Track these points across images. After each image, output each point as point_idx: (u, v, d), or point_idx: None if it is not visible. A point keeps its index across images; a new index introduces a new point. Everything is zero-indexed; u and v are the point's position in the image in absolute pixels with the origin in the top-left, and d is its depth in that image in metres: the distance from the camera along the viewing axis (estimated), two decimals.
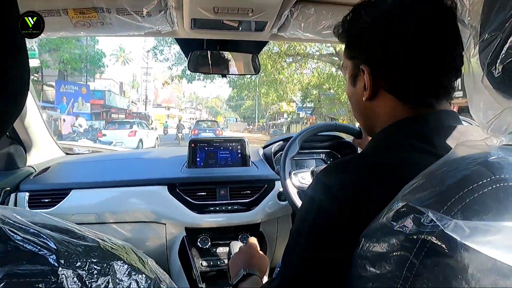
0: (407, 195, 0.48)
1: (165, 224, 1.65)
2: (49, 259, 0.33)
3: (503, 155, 0.45)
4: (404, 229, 0.47)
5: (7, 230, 0.33)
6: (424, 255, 0.45)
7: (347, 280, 0.58)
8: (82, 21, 1.11)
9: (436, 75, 0.67)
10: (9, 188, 1.54)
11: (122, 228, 1.63)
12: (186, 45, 1.54)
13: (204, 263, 1.65)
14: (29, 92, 1.37)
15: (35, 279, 0.31)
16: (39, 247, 0.33)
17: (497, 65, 0.45)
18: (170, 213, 1.63)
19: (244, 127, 55.20)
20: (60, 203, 1.57)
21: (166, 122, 39.05)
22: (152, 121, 31.37)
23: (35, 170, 1.73)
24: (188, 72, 17.39)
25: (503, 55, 0.44)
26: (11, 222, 0.35)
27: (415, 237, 0.45)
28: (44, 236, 0.35)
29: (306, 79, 16.22)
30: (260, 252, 1.18)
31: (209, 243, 1.66)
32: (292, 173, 1.57)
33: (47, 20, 1.08)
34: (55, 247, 0.34)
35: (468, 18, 0.49)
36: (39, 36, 1.16)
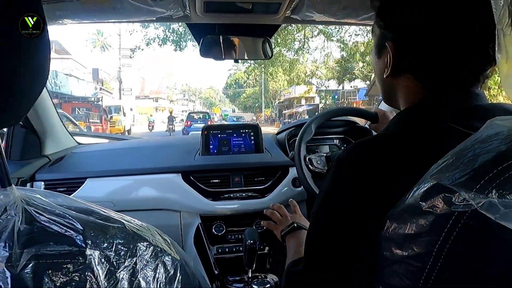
0: (436, 174, 0.47)
1: (179, 211, 1.66)
2: (76, 239, 0.32)
3: None
4: (434, 209, 0.45)
5: (32, 211, 0.33)
6: (456, 235, 0.43)
7: (371, 261, 0.57)
8: (94, 6, 1.10)
9: (465, 60, 0.64)
10: (25, 178, 1.55)
11: (137, 216, 1.61)
12: (198, 30, 1.52)
13: (220, 250, 1.66)
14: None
15: (63, 259, 0.31)
16: (65, 228, 0.33)
17: None
18: (185, 200, 1.63)
19: (250, 119, 45.85)
20: (76, 192, 1.58)
21: (151, 115, 36.90)
22: (124, 113, 22.97)
23: (50, 160, 1.75)
24: (173, 36, 15.63)
25: None
26: (36, 203, 0.35)
27: (446, 217, 0.44)
28: (69, 217, 0.34)
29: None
30: None
31: (224, 230, 1.67)
32: (307, 157, 1.56)
33: (58, 6, 1.08)
34: (82, 228, 0.33)
35: None
36: (51, 24, 1.14)
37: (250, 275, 1.37)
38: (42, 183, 1.59)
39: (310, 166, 1.56)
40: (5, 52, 0.35)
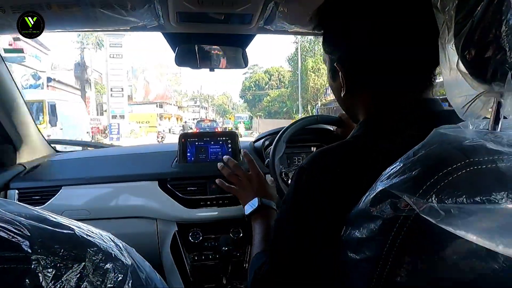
0: (385, 180, 0.49)
1: (156, 219, 1.65)
2: (22, 245, 0.33)
3: (477, 138, 0.46)
4: (382, 214, 0.47)
5: None
6: (402, 239, 0.45)
7: (334, 266, 0.59)
8: (66, 16, 1.10)
9: (414, 67, 0.67)
10: None
11: (113, 223, 1.63)
12: (173, 39, 1.53)
13: (196, 257, 1.65)
14: (16, 88, 1.36)
15: (8, 265, 0.31)
16: (12, 234, 0.33)
17: (470, 49, 0.45)
18: (161, 208, 1.63)
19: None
20: (51, 200, 1.56)
21: (159, 125, 34.19)
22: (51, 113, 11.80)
23: (25, 168, 1.72)
24: None
25: (476, 40, 0.45)
26: None
27: (392, 221, 0.46)
28: (18, 224, 0.35)
29: None
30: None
31: (201, 238, 1.66)
32: (283, 173, 1.57)
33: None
34: (29, 234, 0.34)
35: (441, 3, 0.49)
36: (15, 35, 1.14)
37: (225, 282, 1.37)
38: (16, 191, 1.56)
39: (288, 180, 1.57)
40: None
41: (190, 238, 1.65)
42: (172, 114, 47.67)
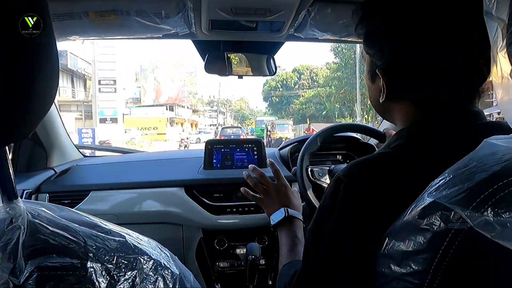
0: (433, 192, 0.47)
1: (182, 225, 1.66)
2: (78, 252, 0.33)
3: None
4: (431, 226, 0.46)
5: (37, 224, 0.34)
6: (453, 253, 0.44)
7: (370, 279, 0.57)
8: (102, 23, 1.13)
9: (457, 81, 0.65)
10: (30, 189, 1.57)
11: (140, 229, 1.62)
12: (203, 46, 1.55)
13: (222, 265, 1.65)
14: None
15: (65, 272, 0.32)
16: (68, 241, 0.34)
17: None
18: (187, 214, 1.64)
19: None
20: (80, 204, 1.60)
21: (183, 131, 30.10)
22: None
23: (55, 172, 1.77)
24: None
25: None
26: (41, 216, 0.36)
27: (443, 234, 0.44)
28: (73, 230, 0.35)
29: None
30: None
31: (226, 245, 1.66)
32: (309, 169, 1.56)
33: (68, 23, 1.11)
34: (84, 241, 0.34)
35: (495, 10, 0.47)
36: (60, 40, 1.17)
37: None
38: (47, 195, 1.60)
39: (311, 177, 1.55)
40: (20, 56, 0.36)
41: (215, 245, 1.65)
42: (186, 119, 40.55)
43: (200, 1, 1.07)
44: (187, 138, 23.82)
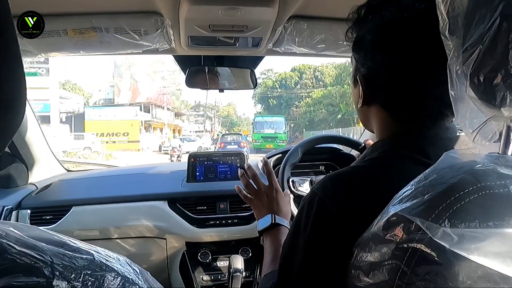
0: (396, 204, 0.49)
1: (165, 239, 1.65)
2: (45, 271, 0.34)
3: (488, 163, 0.46)
4: (394, 238, 0.47)
5: (4, 243, 0.34)
6: (415, 263, 0.45)
7: None
8: (82, 40, 1.14)
9: (435, 99, 0.66)
10: (11, 206, 1.55)
11: (124, 243, 1.63)
12: (184, 61, 1.56)
13: (205, 278, 1.64)
14: (30, 109, 1.38)
15: None
16: (34, 260, 0.34)
17: (479, 75, 0.46)
18: (171, 227, 1.63)
19: None
20: (62, 219, 1.58)
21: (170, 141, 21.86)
22: None
23: (37, 187, 1.75)
24: None
25: (484, 66, 0.46)
26: (9, 236, 0.36)
27: (405, 245, 0.46)
28: (40, 249, 0.36)
29: None
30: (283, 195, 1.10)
31: (210, 257, 1.66)
32: (291, 179, 1.57)
33: (48, 40, 1.11)
34: (50, 260, 0.35)
35: (449, 31, 0.50)
36: (39, 56, 1.18)
37: None
38: (28, 211, 1.58)
39: (293, 188, 1.57)
40: None
41: (199, 258, 1.65)
42: (165, 123, 34.06)
43: (178, 18, 1.09)
44: (180, 146, 19.70)
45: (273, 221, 1.01)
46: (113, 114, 26.59)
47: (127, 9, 1.10)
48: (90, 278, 0.35)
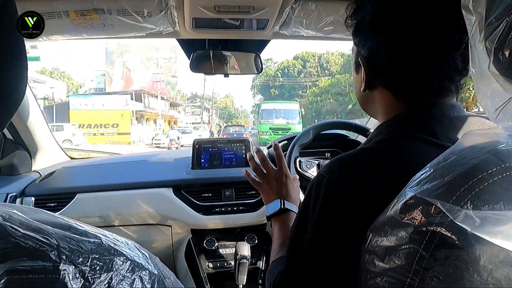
0: (414, 187, 0.47)
1: (171, 226, 1.65)
2: (51, 255, 0.32)
3: (511, 143, 0.44)
4: (412, 221, 0.46)
5: (7, 226, 0.33)
6: (434, 247, 0.44)
7: (355, 275, 0.57)
8: (84, 23, 1.12)
9: (438, 73, 0.66)
10: (15, 193, 1.55)
11: (128, 230, 1.63)
12: (188, 45, 1.53)
13: (211, 265, 1.64)
14: (33, 96, 1.37)
15: (36, 275, 0.31)
16: (40, 243, 0.33)
17: (504, 50, 0.44)
18: (176, 214, 1.63)
19: None
20: (66, 207, 1.58)
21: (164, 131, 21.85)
22: None
23: (41, 175, 1.74)
24: None
25: (510, 41, 0.43)
26: (12, 219, 0.35)
27: (424, 229, 0.44)
28: (45, 232, 0.34)
29: None
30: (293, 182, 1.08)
31: (216, 244, 1.66)
32: (298, 159, 1.55)
33: (48, 22, 1.09)
34: (57, 243, 0.33)
35: (472, 4, 0.47)
36: (40, 39, 1.16)
37: None
38: (32, 198, 1.58)
39: (299, 168, 1.55)
40: None
41: (205, 245, 1.65)
42: (159, 114, 30.76)
43: None
44: (178, 138, 19.33)
45: (282, 206, 0.99)
46: (101, 104, 24.17)
47: None
48: (98, 262, 0.34)
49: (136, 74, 32.27)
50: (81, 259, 0.33)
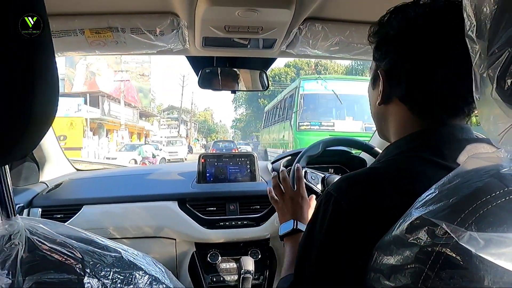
0: (420, 208, 0.49)
1: (175, 239, 1.65)
2: (76, 268, 0.34)
3: None
4: (418, 241, 0.47)
5: (35, 240, 0.35)
6: (439, 267, 0.45)
7: None
8: (98, 40, 1.15)
9: (453, 92, 0.67)
10: (22, 204, 1.56)
11: (133, 243, 1.64)
12: (196, 62, 1.57)
13: (214, 279, 1.64)
14: None
15: (62, 287, 0.32)
16: (65, 257, 0.34)
17: (506, 79, 0.46)
18: (180, 228, 1.63)
19: None
20: (72, 218, 1.58)
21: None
22: None
23: (48, 186, 1.76)
24: None
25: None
26: (38, 233, 0.36)
27: (429, 249, 0.45)
28: (70, 246, 0.36)
29: None
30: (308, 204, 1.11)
31: (219, 259, 1.66)
32: (304, 169, 1.56)
33: (64, 40, 1.12)
34: (81, 257, 0.35)
35: (476, 34, 0.50)
36: (56, 55, 1.19)
37: None
38: (39, 209, 1.59)
39: (304, 178, 1.55)
40: (21, 66, 0.35)
41: (208, 259, 1.65)
42: (123, 123, 25.35)
43: (194, 19, 1.10)
44: (154, 156, 16.45)
45: (294, 227, 1.03)
46: None
47: (143, 9, 1.11)
48: (119, 276, 0.35)
49: (101, 79, 26.76)
50: (103, 272, 0.35)
